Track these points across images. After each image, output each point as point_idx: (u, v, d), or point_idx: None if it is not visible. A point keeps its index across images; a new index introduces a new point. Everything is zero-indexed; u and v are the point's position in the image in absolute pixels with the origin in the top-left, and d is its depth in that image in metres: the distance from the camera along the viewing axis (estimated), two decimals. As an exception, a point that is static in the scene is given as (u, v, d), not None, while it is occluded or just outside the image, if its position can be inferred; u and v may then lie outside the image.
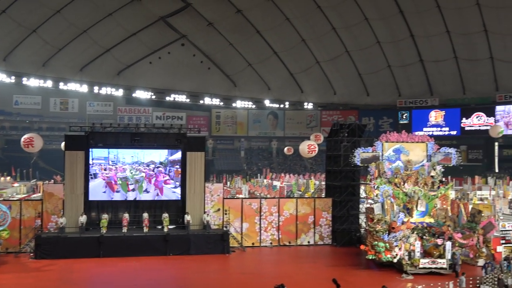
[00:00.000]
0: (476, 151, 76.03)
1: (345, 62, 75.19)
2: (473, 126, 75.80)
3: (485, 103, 74.92)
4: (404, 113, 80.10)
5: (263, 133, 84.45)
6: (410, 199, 29.58)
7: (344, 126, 35.75)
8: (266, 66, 77.13)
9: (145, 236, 30.11)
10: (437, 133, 75.35)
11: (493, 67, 70.11)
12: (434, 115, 78.36)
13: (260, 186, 52.31)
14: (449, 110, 77.36)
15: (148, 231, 30.59)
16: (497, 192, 47.00)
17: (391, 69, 75.51)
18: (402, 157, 30.98)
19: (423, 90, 78.14)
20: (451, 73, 73.45)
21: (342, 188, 34.29)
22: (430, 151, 31.18)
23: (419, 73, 75.48)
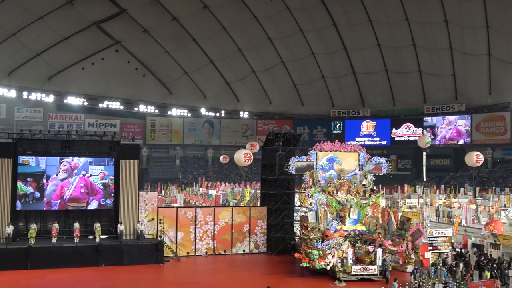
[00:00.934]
0: (405, 161, 78.78)
1: (281, 72, 76.29)
2: (402, 137, 78.63)
3: (414, 114, 77.99)
4: (337, 123, 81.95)
5: (198, 142, 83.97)
6: (343, 207, 30.12)
7: (279, 135, 36.02)
8: (202, 74, 76.86)
9: (76, 247, 29.15)
10: (369, 143, 77.48)
11: (421, 80, 73.28)
12: (365, 126, 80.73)
13: (196, 194, 51.79)
14: (380, 121, 79.96)
15: (79, 241, 29.57)
16: (424, 200, 48.45)
17: (325, 80, 77.20)
18: (335, 166, 31.51)
19: (355, 101, 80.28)
20: (382, 85, 76.10)
21: (277, 197, 34.47)
22: (362, 160, 31.85)
23: (351, 85, 77.65)
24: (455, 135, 75.30)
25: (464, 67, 68.72)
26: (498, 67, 65.84)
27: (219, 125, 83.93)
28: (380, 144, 79.29)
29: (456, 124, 74.93)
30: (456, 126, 75.10)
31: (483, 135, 72.84)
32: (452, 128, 75.52)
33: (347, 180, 31.05)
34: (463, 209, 36.51)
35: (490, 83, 69.31)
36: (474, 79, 69.91)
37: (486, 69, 67.33)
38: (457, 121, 74.92)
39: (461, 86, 72.31)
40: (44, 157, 30.86)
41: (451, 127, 75.33)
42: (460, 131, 75.01)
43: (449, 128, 75.46)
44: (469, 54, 65.92)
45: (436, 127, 76.20)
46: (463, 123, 74.41)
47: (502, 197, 49.73)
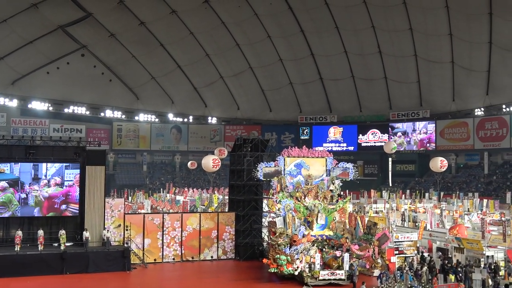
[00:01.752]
0: (371, 166, 79.83)
1: (249, 78, 76.50)
2: (369, 142, 79.71)
3: (380, 121, 79.21)
4: (305, 129, 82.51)
5: (166, 147, 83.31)
6: (310, 213, 30.31)
7: (248, 141, 36.00)
8: (169, 80, 76.35)
9: (40, 255, 28.48)
10: (336, 149, 78.18)
11: (387, 87, 74.53)
12: (333, 131, 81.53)
13: (163, 201, 51.30)
14: (347, 127, 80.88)
15: (43, 249, 28.93)
16: (390, 205, 49.04)
17: (292, 86, 77.77)
18: (303, 171, 31.72)
19: (323, 107, 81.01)
20: (349, 91, 77.03)
21: (245, 202, 34.43)
22: (329, 166, 32.13)
23: (319, 91, 78.40)
24: (425, 141, 76.75)
25: (428, 74, 70.08)
26: (462, 74, 67.29)
27: (187, 131, 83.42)
28: (347, 150, 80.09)
29: (426, 130, 76.22)
30: (425, 132, 76.44)
31: (447, 141, 74.22)
32: (421, 134, 76.82)
33: (315, 186, 31.28)
34: (428, 214, 37.24)
35: (454, 90, 70.75)
36: (438, 86, 71.31)
37: (450, 77, 68.80)
38: (427, 127, 76.18)
39: (425, 93, 73.70)
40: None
41: (421, 133, 76.55)
42: (429, 137, 76.29)
43: (419, 133, 76.66)
44: (434, 62, 67.22)
45: (407, 133, 77.36)
46: (431, 129, 75.80)
47: (465, 202, 51.19)
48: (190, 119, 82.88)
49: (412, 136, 76.86)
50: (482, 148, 70.67)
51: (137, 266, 30.82)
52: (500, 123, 68.23)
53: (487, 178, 68.76)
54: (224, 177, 71.03)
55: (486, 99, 68.82)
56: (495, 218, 40.55)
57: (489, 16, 57.02)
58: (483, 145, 70.39)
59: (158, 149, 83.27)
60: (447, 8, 58.20)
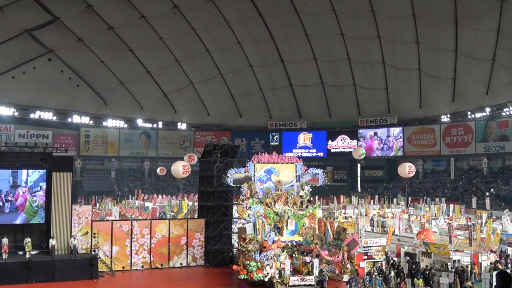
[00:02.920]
0: (341, 172, 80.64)
1: (219, 84, 76.46)
2: (338, 148, 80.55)
3: (349, 127, 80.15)
4: (275, 135, 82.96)
5: (135, 153, 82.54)
6: (280, 219, 30.39)
7: (217, 147, 35.95)
8: (138, 85, 75.61)
9: (5, 263, 27.75)
10: (306, 155, 78.87)
11: (355, 93, 75.44)
12: (302, 137, 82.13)
13: (132, 207, 50.90)
14: (316, 133, 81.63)
15: (7, 257, 28.18)
16: (359, 210, 49.45)
17: (262, 92, 78.12)
18: (273, 177, 31.85)
19: (292, 113, 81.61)
20: (318, 97, 77.80)
21: (215, 209, 34.29)
22: (299, 172, 32.35)
23: (288, 97, 78.98)
24: (388, 147, 77.90)
25: (396, 81, 71.25)
26: (428, 81, 68.49)
27: (156, 137, 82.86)
28: (316, 156, 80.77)
29: (394, 135, 77.50)
30: (390, 139, 77.75)
31: (414, 147, 75.46)
32: (384, 140, 78.07)
33: (285, 192, 31.39)
34: (396, 219, 37.68)
35: (421, 97, 72.02)
36: (406, 92, 72.52)
37: (417, 83, 69.98)
38: (395, 133, 77.46)
39: (393, 100, 74.87)
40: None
41: (396, 139, 77.71)
42: (393, 143, 77.55)
43: (394, 139, 77.87)
44: (401, 69, 68.34)
45: (381, 138, 78.39)
46: (396, 136, 76.94)
47: (432, 207, 51.96)
48: (160, 125, 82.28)
49: (389, 141, 77.78)
50: (449, 154, 71.94)
51: (105, 274, 30.30)
52: (465, 129, 69.51)
53: (454, 184, 69.99)
54: (193, 183, 70.60)
55: (452, 106, 70.19)
56: (462, 223, 41.10)
57: (455, 25, 58.00)
58: (450, 151, 71.66)
59: (126, 155, 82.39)
60: (414, 16, 59.05)
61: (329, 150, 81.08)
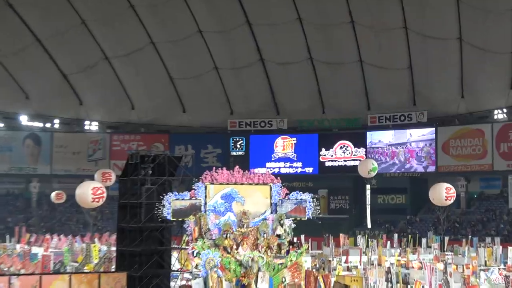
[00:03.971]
0: (340, 198, 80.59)
1: (150, 60, 76.60)
2: (337, 161, 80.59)
3: (353, 128, 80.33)
4: (238, 140, 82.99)
5: (16, 169, 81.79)
6: (246, 271, 29.84)
7: (148, 158, 35.36)
8: (22, 60, 74.95)
9: None
10: (286, 171, 79.10)
11: (362, 75, 76.08)
12: (281, 144, 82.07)
13: (10, 255, 49.69)
14: (303, 137, 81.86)
15: None
16: (369, 257, 48.98)
17: (219, 72, 78.86)
18: (235, 206, 31.34)
19: (265, 105, 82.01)
20: (305, 82, 78.41)
21: (143, 257, 33.56)
22: (276, 197, 31.89)
23: (259, 81, 79.41)
24: (414, 159, 78.36)
25: (425, 57, 72.00)
26: (474, 57, 68.81)
27: (50, 143, 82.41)
28: (303, 173, 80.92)
29: (425, 141, 77.85)
30: (416, 147, 78.25)
31: (453, 159, 75.70)
32: (407, 149, 78.64)
33: (253, 229, 30.93)
34: (426, 270, 37.05)
35: (463, 82, 72.63)
36: (440, 75, 73.31)
37: (457, 61, 70.43)
38: (423, 137, 77.82)
39: (421, 86, 75.59)
40: None
41: (407, 146, 78.36)
42: (420, 153, 77.98)
43: (405, 147, 78.44)
44: (432, 38, 68.52)
45: (401, 144, 78.78)
46: (425, 141, 77.49)
47: (481, 250, 51.14)
48: (56, 124, 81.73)
49: (414, 150, 78.20)
50: (506, 169, 72.06)
51: None
52: (532, 132, 70.79)
53: (513, 215, 71.08)
54: (110, 215, 70.26)
55: (511, 96, 70.81)
56: (527, 275, 41.16)
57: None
58: (507, 164, 71.84)
59: (3, 172, 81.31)
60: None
61: (322, 163, 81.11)
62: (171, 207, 30.83)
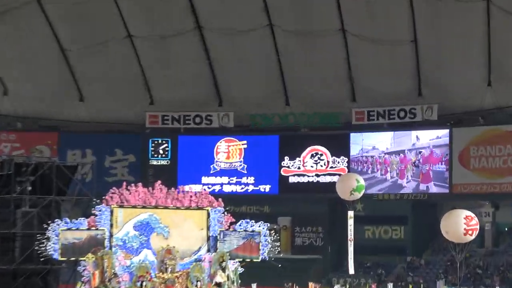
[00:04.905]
0: (310, 230, 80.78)
1: (31, 24, 76.55)
2: (306, 176, 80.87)
3: (329, 127, 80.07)
4: (161, 142, 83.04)
5: None
6: None
7: (26, 168, 35.43)
8: None
9: None
10: (231, 189, 79.67)
11: (346, 51, 76.78)
12: (225, 149, 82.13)
13: None
14: (257, 140, 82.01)
15: None
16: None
17: (132, 42, 78.81)
18: (155, 240, 31.69)
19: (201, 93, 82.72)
20: (261, 59, 79.20)
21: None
22: (216, 228, 32.28)
23: (193, 56, 79.85)
24: (419, 174, 78.58)
25: (432, 31, 73.33)
26: (504, 26, 69.93)
27: None
28: (256, 192, 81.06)
29: (430, 147, 78.33)
30: (421, 156, 78.68)
31: (474, 174, 76.24)
32: (408, 159, 79.04)
33: (182, 274, 31.25)
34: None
35: (490, 64, 73.64)
36: (456, 53, 74.31)
37: (481, 35, 71.60)
38: (432, 142, 78.28)
39: (429, 69, 76.55)
40: None
41: (409, 155, 78.72)
42: (427, 168, 78.28)
43: (405, 157, 78.84)
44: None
45: (399, 153, 79.33)
46: (432, 147, 77.88)
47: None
48: None
49: (419, 160, 78.63)
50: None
51: None
52: None
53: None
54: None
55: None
56: None
57: None
58: (551, 183, 73.18)
59: None
60: None
61: (284, 179, 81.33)
62: (59, 241, 30.89)
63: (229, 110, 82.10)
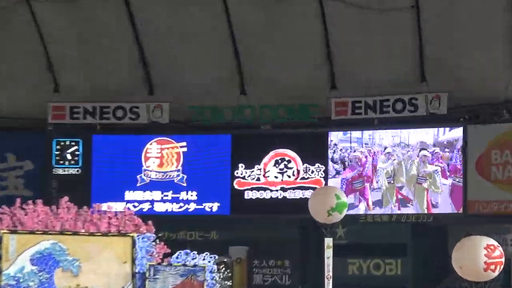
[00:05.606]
0: (274, 264, 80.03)
1: None
2: (267, 190, 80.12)
3: (300, 123, 79.80)
4: (69, 144, 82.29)
5: None
6: None
7: None
8: None
9: None
10: (165, 207, 79.00)
11: (322, 21, 76.47)
12: (156, 153, 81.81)
13: None
14: (200, 140, 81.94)
15: None
16: None
17: (30, 5, 78.14)
18: (60, 278, 32.41)
19: (126, 76, 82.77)
20: (206, 29, 79.08)
21: None
22: (144, 262, 32.80)
23: (117, 25, 79.93)
24: (422, 189, 77.96)
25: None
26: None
27: None
28: (200, 212, 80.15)
29: (439, 152, 77.75)
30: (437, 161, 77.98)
31: (497, 187, 75.78)
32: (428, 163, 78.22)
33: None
34: None
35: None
36: (473, 22, 74.08)
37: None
38: (440, 145, 77.90)
39: (436, 44, 76.25)
40: None
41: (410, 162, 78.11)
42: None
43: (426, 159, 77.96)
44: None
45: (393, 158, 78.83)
46: (439, 151, 77.41)
47: None
48: None
49: (421, 168, 77.78)
50: None
51: None
52: None
53: None
54: None
55: None
56: None
57: None
58: None
59: None
60: None
61: (238, 194, 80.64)
62: None
63: (163, 100, 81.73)
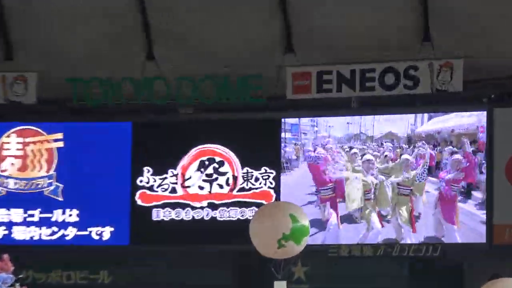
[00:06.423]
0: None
1: None
2: (187, 206, 64.74)
3: (238, 104, 64.78)
4: None
5: None
6: None
7: None
8: None
9: None
10: (29, 235, 63.23)
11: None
12: (15, 150, 67.00)
13: None
14: (82, 131, 66.68)
15: None
16: None
17: None
18: None
19: None
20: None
21: None
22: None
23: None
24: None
25: None
26: None
27: None
28: (84, 241, 64.38)
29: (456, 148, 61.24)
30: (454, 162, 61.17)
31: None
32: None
33: None
34: None
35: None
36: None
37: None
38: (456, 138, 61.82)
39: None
40: None
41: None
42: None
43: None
44: None
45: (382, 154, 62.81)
46: (451, 147, 61.23)
47: None
48: None
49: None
50: None
51: None
52: None
53: None
54: None
55: None
56: None
57: None
58: None
59: None
60: None
61: (141, 212, 64.95)
62: None
63: (28, 69, 66.22)
